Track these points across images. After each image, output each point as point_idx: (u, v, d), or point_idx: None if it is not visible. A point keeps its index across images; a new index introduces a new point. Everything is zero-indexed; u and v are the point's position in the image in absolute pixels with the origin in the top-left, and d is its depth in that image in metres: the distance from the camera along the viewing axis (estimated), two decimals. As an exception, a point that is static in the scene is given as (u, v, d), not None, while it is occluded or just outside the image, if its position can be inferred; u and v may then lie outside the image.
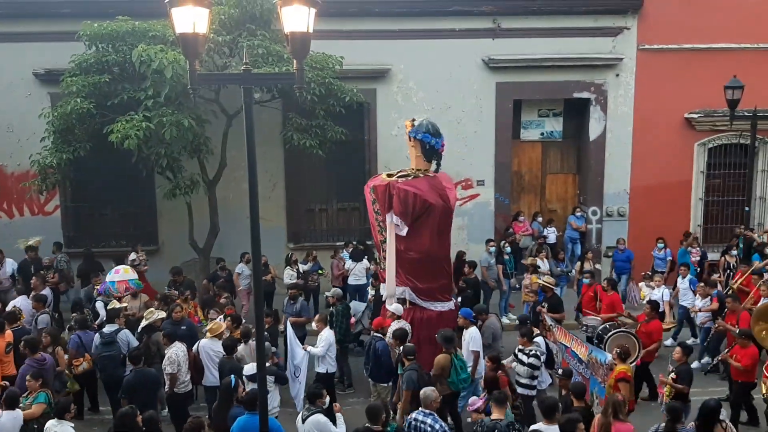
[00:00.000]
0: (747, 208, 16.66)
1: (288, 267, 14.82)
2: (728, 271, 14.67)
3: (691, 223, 17.81)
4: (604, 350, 10.55)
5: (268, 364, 8.95)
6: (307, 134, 14.78)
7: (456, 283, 14.86)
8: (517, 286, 15.71)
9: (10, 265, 14.95)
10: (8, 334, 10.54)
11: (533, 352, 10.09)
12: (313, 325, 11.42)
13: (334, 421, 8.19)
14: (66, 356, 10.69)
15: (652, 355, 11.62)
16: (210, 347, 10.39)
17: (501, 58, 16.92)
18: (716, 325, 12.11)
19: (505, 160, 17.50)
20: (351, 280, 14.86)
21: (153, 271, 15.25)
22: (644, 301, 13.13)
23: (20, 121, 15.79)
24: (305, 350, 10.80)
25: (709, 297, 12.97)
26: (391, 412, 8.38)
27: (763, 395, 9.82)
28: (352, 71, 15.64)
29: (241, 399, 8.44)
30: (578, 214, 17.64)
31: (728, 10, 16.84)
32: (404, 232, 11.38)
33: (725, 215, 18.05)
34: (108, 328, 10.81)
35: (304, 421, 8.08)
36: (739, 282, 13.53)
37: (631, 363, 10.46)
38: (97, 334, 10.82)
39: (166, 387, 10.13)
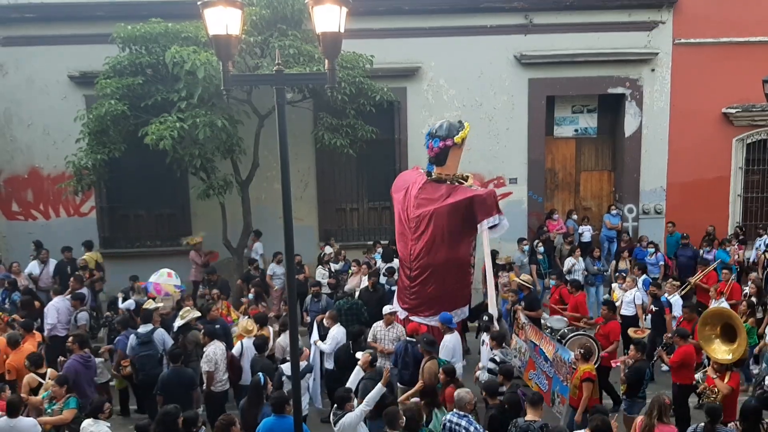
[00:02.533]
0: (787, 205, 16.29)
1: (320, 266, 14.84)
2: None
3: (730, 220, 17.49)
4: None
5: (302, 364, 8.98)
6: (338, 134, 14.79)
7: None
8: (551, 284, 15.48)
9: (54, 265, 15.18)
10: (38, 334, 10.68)
11: (496, 357, 10.02)
12: (324, 321, 11.40)
13: None
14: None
15: (611, 360, 10.93)
16: (250, 346, 10.44)
17: (533, 54, 16.73)
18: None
19: (539, 158, 17.30)
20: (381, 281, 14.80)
21: (187, 270, 15.38)
22: (617, 303, 12.63)
23: (56, 123, 16.03)
24: (314, 344, 10.82)
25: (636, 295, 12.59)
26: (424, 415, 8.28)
27: (699, 401, 9.45)
28: (383, 70, 15.59)
29: (269, 399, 8.41)
30: (614, 212, 17.37)
31: (765, 2, 16.48)
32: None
33: (765, 212, 17.65)
34: (143, 328, 10.90)
35: (335, 424, 8.07)
36: (697, 279, 13.18)
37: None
38: (132, 334, 10.94)
39: (203, 385, 10.19)
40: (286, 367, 9.52)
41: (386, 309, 11.12)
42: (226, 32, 6.04)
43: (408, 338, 10.57)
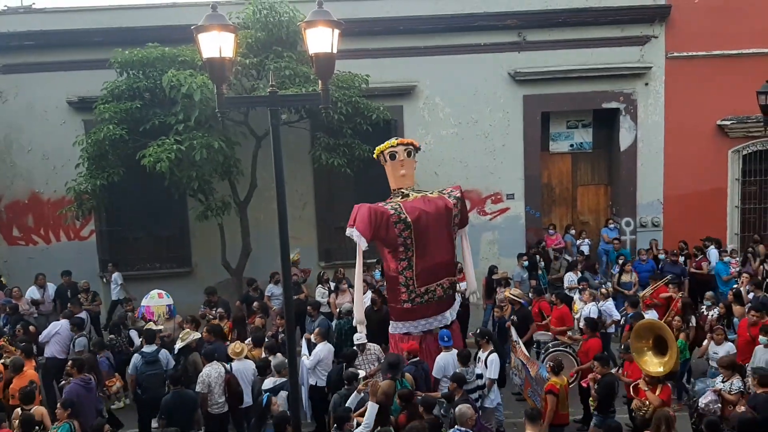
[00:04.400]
0: (784, 215, 16.35)
1: (320, 285, 14.85)
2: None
3: (728, 232, 17.51)
4: None
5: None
6: (335, 153, 14.89)
7: (489, 299, 14.81)
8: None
9: (52, 289, 15.23)
10: (33, 374, 10.61)
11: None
12: (312, 338, 11.38)
13: None
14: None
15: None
16: (242, 368, 10.45)
17: (527, 71, 16.88)
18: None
19: (535, 173, 17.40)
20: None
21: (187, 292, 15.39)
22: (576, 316, 12.54)
23: (55, 148, 16.17)
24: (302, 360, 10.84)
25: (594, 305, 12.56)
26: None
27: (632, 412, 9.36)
28: (379, 89, 15.74)
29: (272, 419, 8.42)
30: (611, 226, 17.42)
31: (756, 15, 16.66)
32: None
33: (763, 222, 17.70)
34: (148, 348, 10.94)
35: None
36: (648, 293, 13.01)
37: (572, 382, 10.46)
38: (136, 354, 10.98)
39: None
40: (266, 383, 9.65)
41: (356, 337, 10.86)
42: (219, 55, 6.17)
43: (413, 359, 10.26)
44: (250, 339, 11.52)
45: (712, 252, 15.71)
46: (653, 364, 9.17)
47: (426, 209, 11.16)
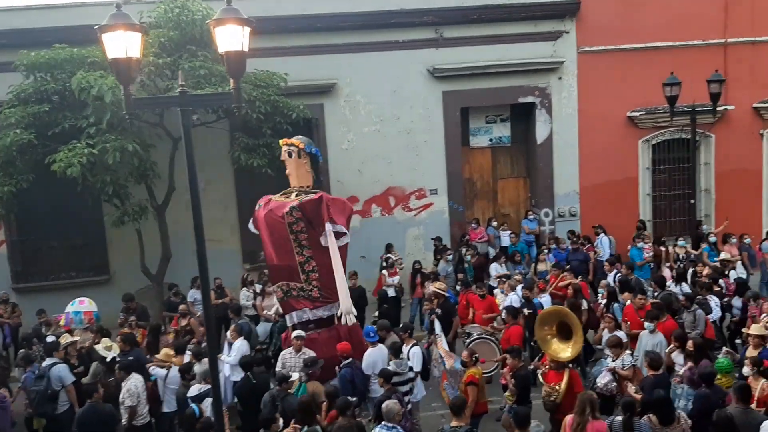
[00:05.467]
0: (692, 201, 17.05)
1: (244, 288, 14.63)
2: (679, 263, 14.91)
3: (641, 218, 18.13)
4: None
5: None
6: (255, 153, 14.69)
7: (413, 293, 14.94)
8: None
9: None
10: None
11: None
12: (228, 335, 11.41)
13: None
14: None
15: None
16: (173, 376, 10.19)
17: (445, 67, 17.07)
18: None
19: (457, 168, 17.63)
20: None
21: (106, 301, 14.85)
22: (501, 307, 12.67)
23: (-42, 155, 15.31)
24: (221, 360, 10.62)
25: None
26: None
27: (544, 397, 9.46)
28: (298, 87, 15.61)
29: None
30: (531, 217, 17.84)
31: (663, 9, 17.30)
32: (347, 239, 11.13)
33: (673, 209, 18.45)
34: (46, 362, 10.45)
35: None
36: (552, 287, 13.40)
37: (491, 370, 10.77)
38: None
39: (123, 420, 9.87)
40: (192, 389, 9.53)
41: (295, 334, 10.67)
42: (126, 55, 5.97)
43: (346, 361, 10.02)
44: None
45: (603, 240, 16.36)
46: (561, 350, 9.38)
47: (270, 209, 11.23)
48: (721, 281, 12.95)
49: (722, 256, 14.74)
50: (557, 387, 9.03)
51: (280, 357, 10.70)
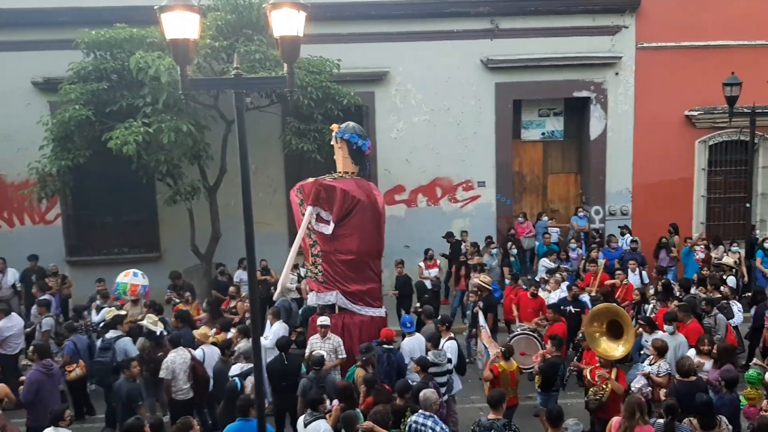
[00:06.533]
0: (748, 205, 16.57)
1: (289, 271, 14.79)
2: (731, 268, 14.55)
3: (694, 221, 17.79)
4: None
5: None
6: (306, 138, 14.80)
7: (457, 285, 14.91)
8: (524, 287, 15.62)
9: (12, 274, 14.95)
10: None
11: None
12: (267, 319, 11.50)
13: None
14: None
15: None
16: (209, 353, 10.40)
17: (500, 59, 16.90)
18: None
19: (506, 161, 17.46)
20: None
21: (155, 278, 15.20)
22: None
23: (19, 129, 15.80)
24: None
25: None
26: None
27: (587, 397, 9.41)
28: (350, 74, 15.66)
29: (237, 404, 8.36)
30: (581, 214, 17.58)
31: (725, 7, 16.86)
32: (330, 229, 11.03)
33: (727, 212, 17.98)
34: (110, 334, 10.81)
35: (306, 425, 8.04)
36: (597, 284, 13.34)
37: (530, 366, 10.55)
38: (99, 340, 10.83)
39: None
40: (234, 368, 9.65)
41: (320, 321, 10.75)
42: (183, 36, 6.04)
43: (386, 346, 10.09)
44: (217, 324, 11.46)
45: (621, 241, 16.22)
46: (611, 348, 9.26)
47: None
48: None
49: (725, 260, 14.53)
50: (604, 387, 8.96)
51: (308, 342, 10.82)
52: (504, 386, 9.34)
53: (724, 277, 13.66)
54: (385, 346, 10.06)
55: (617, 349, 9.23)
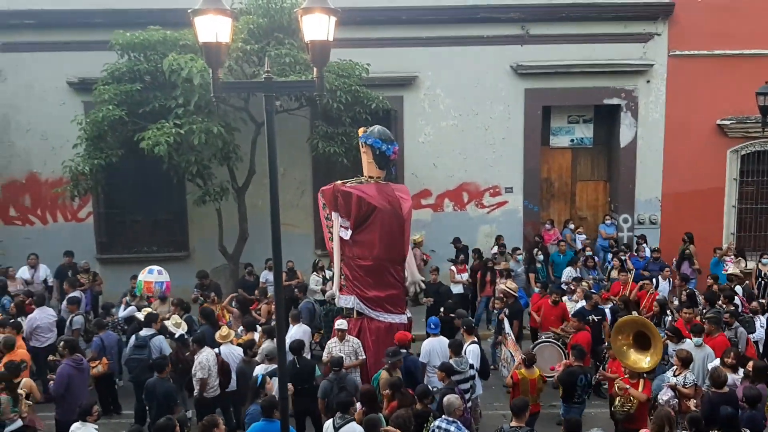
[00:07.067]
0: (781, 216, 16.36)
1: (314, 273, 14.89)
2: (761, 279, 14.33)
3: (724, 231, 17.53)
4: None
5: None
6: (333, 142, 14.89)
7: (482, 292, 14.86)
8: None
9: (44, 270, 15.22)
10: (24, 353, 10.69)
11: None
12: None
13: None
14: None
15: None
16: (231, 353, 10.52)
17: (529, 65, 16.85)
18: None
19: (534, 167, 17.39)
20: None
21: (184, 277, 15.42)
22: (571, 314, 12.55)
23: (54, 128, 16.12)
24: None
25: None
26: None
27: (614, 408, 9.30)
28: (379, 79, 15.71)
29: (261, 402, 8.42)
30: (608, 222, 17.44)
31: (759, 15, 16.64)
32: (348, 234, 11.00)
33: (759, 223, 17.72)
34: (144, 332, 11.01)
35: (337, 429, 8.03)
36: (634, 293, 13.22)
37: (553, 374, 10.40)
38: (133, 337, 11.08)
39: (195, 392, 10.23)
40: (258, 369, 9.67)
41: (338, 324, 10.77)
42: (216, 40, 6.14)
43: (403, 350, 10.09)
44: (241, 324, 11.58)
45: (648, 250, 16.01)
46: (640, 360, 9.19)
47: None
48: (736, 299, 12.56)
49: (730, 270, 14.39)
50: (631, 398, 8.90)
51: (326, 345, 10.83)
52: (524, 393, 9.34)
53: (733, 286, 13.43)
54: (403, 350, 10.06)
55: (645, 360, 9.16)
